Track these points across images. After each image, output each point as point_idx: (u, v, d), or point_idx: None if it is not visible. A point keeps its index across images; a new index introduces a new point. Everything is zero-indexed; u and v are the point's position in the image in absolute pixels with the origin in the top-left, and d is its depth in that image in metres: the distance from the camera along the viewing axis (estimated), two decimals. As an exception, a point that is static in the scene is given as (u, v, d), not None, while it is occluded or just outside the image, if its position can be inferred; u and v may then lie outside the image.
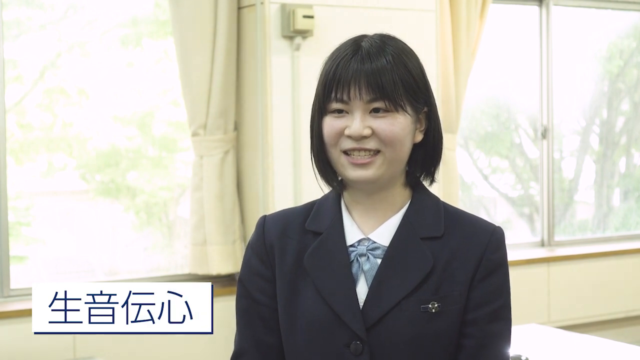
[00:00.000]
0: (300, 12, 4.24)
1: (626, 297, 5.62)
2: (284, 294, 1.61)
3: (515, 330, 3.59)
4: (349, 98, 1.55)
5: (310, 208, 1.67)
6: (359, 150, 1.56)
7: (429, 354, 1.56)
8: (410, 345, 1.54)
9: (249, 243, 1.70)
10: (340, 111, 1.57)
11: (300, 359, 1.61)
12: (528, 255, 5.44)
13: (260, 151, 4.35)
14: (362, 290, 1.57)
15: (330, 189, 1.67)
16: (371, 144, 1.55)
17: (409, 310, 1.55)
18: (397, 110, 1.55)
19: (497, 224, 1.64)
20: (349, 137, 1.55)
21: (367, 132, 1.55)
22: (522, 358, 3.19)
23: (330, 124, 1.57)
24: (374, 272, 1.58)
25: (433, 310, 1.55)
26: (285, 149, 4.34)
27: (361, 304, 1.56)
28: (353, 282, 1.58)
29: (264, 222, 1.68)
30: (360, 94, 1.54)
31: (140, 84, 4.81)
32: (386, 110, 1.55)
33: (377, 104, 1.55)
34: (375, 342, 1.55)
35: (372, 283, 1.57)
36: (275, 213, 1.71)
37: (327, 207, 1.65)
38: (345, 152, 1.57)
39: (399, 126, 1.55)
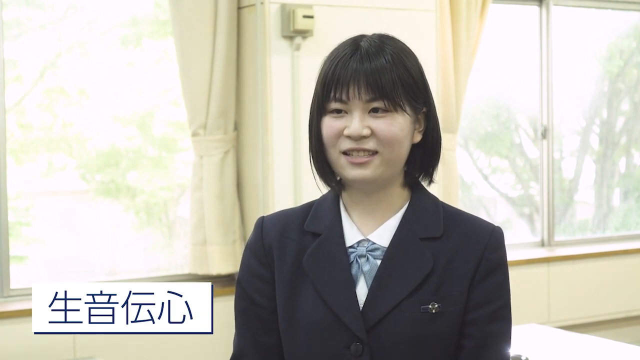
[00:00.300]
0: (300, 12, 4.24)
1: (626, 297, 5.62)
2: (284, 295, 1.61)
3: (515, 330, 3.59)
4: (348, 98, 1.55)
5: (309, 209, 1.67)
6: (358, 150, 1.56)
7: (429, 354, 1.55)
8: (410, 346, 1.54)
9: (247, 244, 1.69)
10: (339, 111, 1.56)
11: (300, 360, 1.61)
12: (528, 255, 5.43)
13: (260, 151, 4.35)
14: (361, 291, 1.57)
15: (329, 189, 1.66)
16: (370, 145, 1.55)
17: (409, 311, 1.54)
18: (396, 110, 1.55)
19: (496, 224, 1.64)
20: (348, 137, 1.55)
21: (366, 132, 1.54)
22: (522, 358, 3.19)
23: (330, 124, 1.57)
24: (373, 273, 1.57)
25: (433, 311, 1.55)
26: (285, 149, 4.34)
27: (361, 305, 1.56)
28: (353, 284, 1.57)
29: (262, 223, 1.67)
30: (359, 93, 1.54)
31: (140, 84, 4.81)
32: (385, 110, 1.55)
33: (376, 104, 1.54)
34: (375, 343, 1.55)
35: (372, 284, 1.56)
36: (273, 214, 1.70)
37: (326, 208, 1.65)
38: (345, 153, 1.57)
39: (398, 127, 1.55)
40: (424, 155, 1.62)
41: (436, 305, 1.55)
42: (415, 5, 4.63)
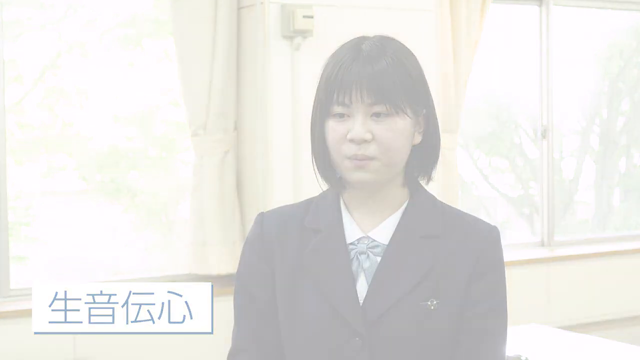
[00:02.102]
0: (300, 12, 4.24)
1: (626, 297, 5.62)
2: (284, 291, 1.62)
3: (515, 330, 3.60)
4: (351, 101, 1.55)
5: (308, 205, 1.68)
6: (360, 158, 1.57)
7: (428, 350, 1.57)
8: (409, 342, 1.56)
9: (247, 239, 1.70)
10: (341, 115, 1.57)
11: (300, 355, 1.62)
12: (528, 255, 5.43)
13: (260, 151, 4.35)
14: (362, 287, 1.59)
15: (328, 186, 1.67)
16: (370, 150, 1.56)
17: (409, 307, 1.56)
18: (397, 114, 1.56)
19: (493, 224, 1.66)
20: (351, 140, 1.56)
21: (368, 136, 1.55)
22: (522, 358, 3.19)
23: (333, 128, 1.58)
24: (373, 270, 1.59)
25: (432, 307, 1.57)
26: (285, 149, 4.34)
27: (361, 301, 1.58)
28: (353, 280, 1.59)
29: (262, 218, 1.69)
30: (362, 97, 1.55)
31: (140, 84, 4.81)
32: (387, 115, 1.56)
33: (378, 108, 1.55)
34: (375, 339, 1.56)
35: (372, 280, 1.58)
36: (272, 210, 1.71)
37: (326, 205, 1.66)
38: (348, 157, 1.58)
39: (399, 131, 1.56)
40: (424, 156, 1.64)
41: (435, 302, 1.57)
42: (415, 5, 4.63)
